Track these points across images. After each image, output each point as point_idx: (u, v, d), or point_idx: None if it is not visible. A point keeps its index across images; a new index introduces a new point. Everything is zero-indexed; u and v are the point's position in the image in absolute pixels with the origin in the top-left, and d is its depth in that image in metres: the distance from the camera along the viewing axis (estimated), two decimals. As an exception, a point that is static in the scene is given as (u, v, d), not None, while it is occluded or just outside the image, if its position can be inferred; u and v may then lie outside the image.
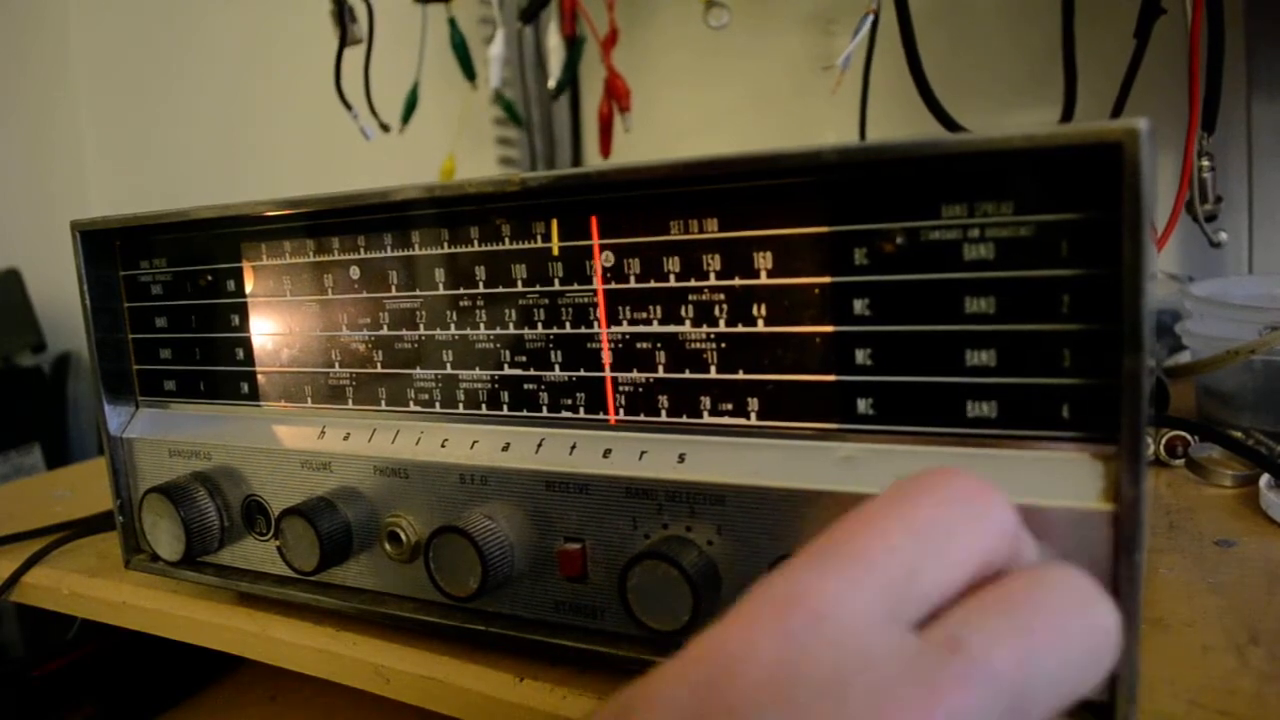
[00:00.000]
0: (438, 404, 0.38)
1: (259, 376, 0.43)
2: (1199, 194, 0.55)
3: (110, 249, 0.45)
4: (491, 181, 0.34)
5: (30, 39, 1.52)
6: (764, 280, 0.30)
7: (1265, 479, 0.44)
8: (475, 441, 0.37)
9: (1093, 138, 0.24)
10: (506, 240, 0.35)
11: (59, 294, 1.39)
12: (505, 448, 0.36)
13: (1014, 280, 0.26)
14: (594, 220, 0.33)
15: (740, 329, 0.31)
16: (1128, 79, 0.57)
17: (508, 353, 0.36)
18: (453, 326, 0.37)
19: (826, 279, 0.29)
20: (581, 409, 0.35)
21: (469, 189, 0.34)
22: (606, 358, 0.34)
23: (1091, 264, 0.25)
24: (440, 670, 0.37)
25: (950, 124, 0.62)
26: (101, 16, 1.45)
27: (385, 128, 0.87)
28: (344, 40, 0.82)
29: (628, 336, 0.33)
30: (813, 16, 0.89)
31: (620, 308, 0.33)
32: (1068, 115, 0.60)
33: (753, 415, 0.31)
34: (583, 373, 0.34)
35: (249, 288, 0.42)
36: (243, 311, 0.42)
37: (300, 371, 0.42)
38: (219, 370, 0.44)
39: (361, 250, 0.39)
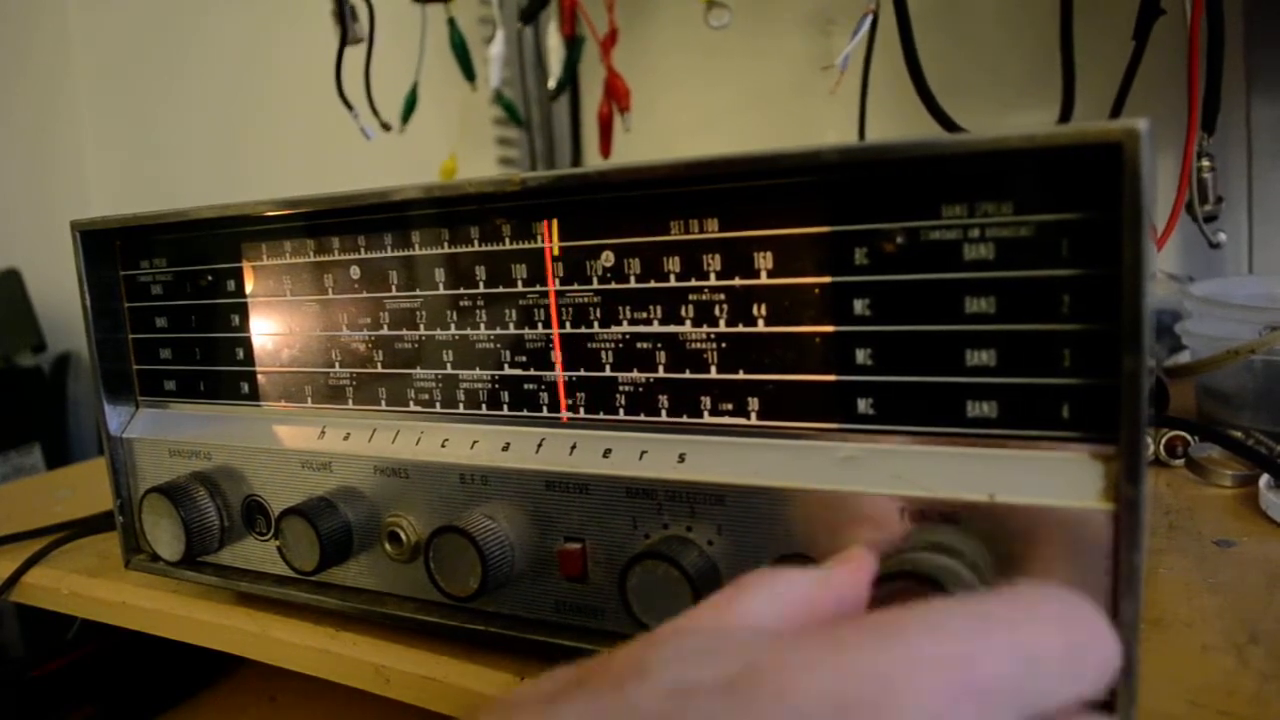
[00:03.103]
0: (438, 404, 0.38)
1: (259, 376, 0.43)
2: (1199, 194, 0.55)
3: (110, 249, 0.45)
4: (491, 181, 0.34)
5: (30, 39, 1.52)
6: (764, 280, 0.30)
7: (1265, 479, 0.44)
8: (475, 441, 0.37)
9: (1093, 138, 0.24)
10: (506, 240, 0.35)
11: (59, 294, 1.39)
12: (505, 447, 0.36)
13: (1014, 280, 0.26)
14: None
15: (740, 329, 0.31)
16: (1127, 79, 0.57)
17: (508, 353, 0.36)
18: (453, 326, 0.37)
19: (827, 279, 0.29)
20: (582, 409, 0.35)
21: (469, 189, 0.34)
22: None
23: (1091, 264, 0.25)
24: (440, 670, 0.37)
25: (949, 124, 0.62)
26: (101, 16, 1.45)
27: (386, 127, 0.87)
28: (345, 40, 0.82)
29: (628, 336, 0.33)
30: (812, 16, 0.89)
31: (620, 308, 0.33)
32: (1066, 116, 0.60)
33: (753, 415, 0.31)
34: (583, 372, 0.34)
35: (249, 288, 0.42)
36: (243, 311, 0.42)
37: (300, 371, 0.42)
38: (219, 370, 0.44)
39: (361, 250, 0.39)
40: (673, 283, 0.32)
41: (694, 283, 0.32)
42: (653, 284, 0.33)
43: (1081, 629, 0.20)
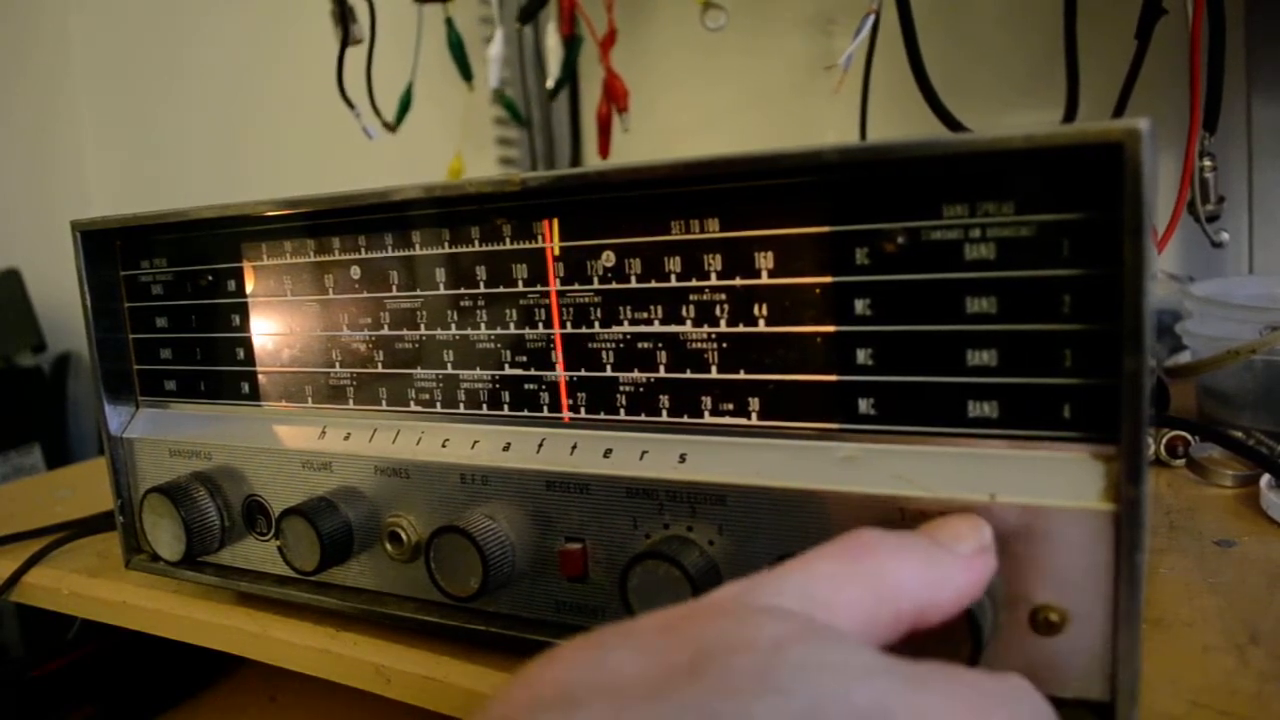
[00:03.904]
0: (438, 404, 0.38)
1: (259, 376, 0.43)
2: (1200, 194, 0.55)
3: (110, 249, 0.45)
4: (491, 181, 0.34)
5: (30, 39, 1.52)
6: (765, 280, 0.30)
7: (1266, 479, 0.44)
8: (476, 441, 0.37)
9: (1094, 138, 0.24)
10: (507, 240, 0.35)
11: (59, 294, 1.39)
12: (506, 447, 0.36)
13: (1015, 280, 0.26)
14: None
15: (741, 329, 0.31)
16: (1129, 79, 0.57)
17: (508, 353, 0.36)
18: (453, 326, 0.37)
19: (828, 279, 0.29)
20: (583, 409, 0.35)
21: (469, 189, 0.34)
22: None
23: (1092, 264, 0.25)
24: (440, 670, 0.36)
25: (953, 123, 0.62)
26: (101, 16, 1.45)
27: (389, 126, 0.87)
28: (345, 40, 0.82)
29: (629, 336, 0.33)
30: (813, 16, 0.89)
31: (621, 308, 0.33)
32: (1070, 115, 0.60)
33: (754, 415, 0.31)
34: (583, 372, 0.34)
35: (249, 288, 0.42)
36: (243, 311, 0.42)
37: (301, 371, 0.41)
38: (219, 370, 0.44)
39: (362, 250, 0.39)
40: (673, 283, 0.32)
41: (695, 283, 0.32)
42: (653, 284, 0.32)
43: None
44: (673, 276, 0.32)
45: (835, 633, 0.20)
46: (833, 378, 0.30)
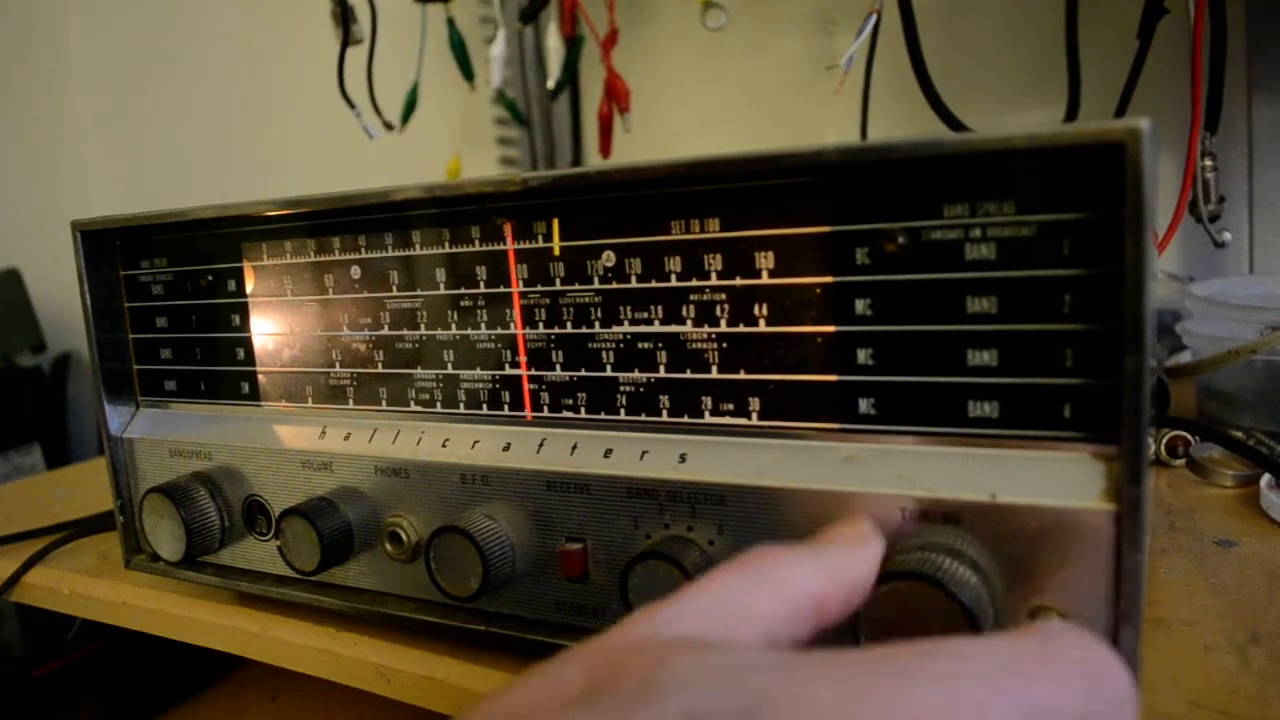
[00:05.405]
0: (439, 404, 0.38)
1: (260, 376, 0.43)
2: (1202, 194, 0.55)
3: (110, 249, 0.45)
4: (491, 181, 0.34)
5: (30, 39, 1.52)
6: (765, 280, 0.30)
7: (1266, 479, 0.44)
8: (476, 441, 0.37)
9: (1095, 138, 0.24)
10: (507, 240, 0.35)
11: (59, 294, 1.39)
12: (506, 447, 0.36)
13: (1016, 280, 0.26)
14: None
15: (742, 329, 0.31)
16: (1131, 79, 0.57)
17: (508, 352, 0.36)
18: (453, 326, 0.37)
19: (828, 279, 0.29)
20: (583, 409, 0.35)
21: (469, 189, 0.34)
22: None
23: (1093, 264, 0.25)
24: (441, 670, 0.36)
25: (954, 123, 0.62)
26: (101, 17, 1.45)
27: (389, 126, 0.87)
28: (346, 40, 0.82)
29: (629, 336, 0.33)
30: (813, 16, 0.89)
31: (621, 308, 0.33)
32: (1072, 115, 0.60)
33: (754, 415, 0.31)
34: (584, 373, 0.34)
35: (249, 287, 0.42)
36: (243, 311, 0.42)
37: (301, 371, 0.41)
38: (220, 370, 0.44)
39: (362, 250, 0.39)
40: (674, 283, 0.32)
41: (695, 283, 0.32)
42: (654, 284, 0.32)
43: (1101, 684, 0.20)
44: (673, 276, 0.32)
45: (724, 643, 0.20)
46: (833, 378, 0.30)
